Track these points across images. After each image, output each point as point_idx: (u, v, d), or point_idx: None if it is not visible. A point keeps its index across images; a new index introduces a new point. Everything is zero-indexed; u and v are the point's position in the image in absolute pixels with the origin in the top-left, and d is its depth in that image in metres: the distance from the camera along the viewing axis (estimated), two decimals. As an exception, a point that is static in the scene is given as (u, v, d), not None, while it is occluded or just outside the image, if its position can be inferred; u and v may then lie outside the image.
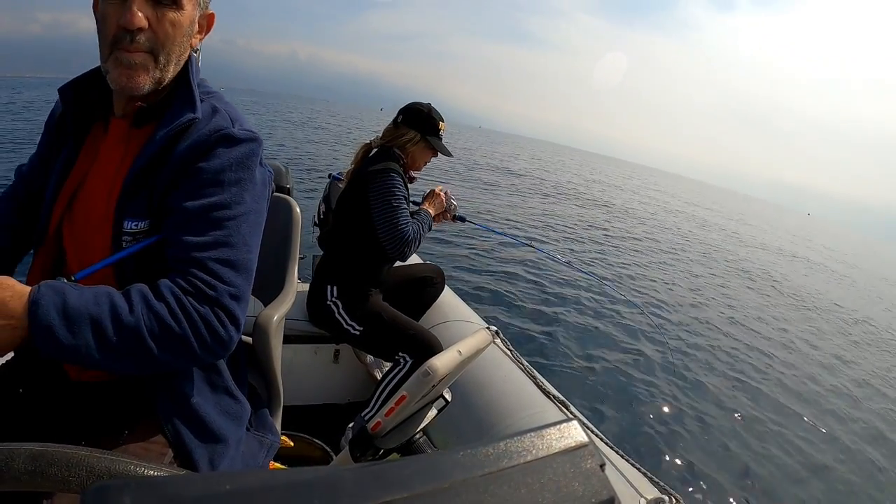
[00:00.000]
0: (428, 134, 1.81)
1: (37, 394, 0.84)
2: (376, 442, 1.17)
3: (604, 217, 11.98)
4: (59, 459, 0.39)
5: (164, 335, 0.67)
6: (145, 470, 0.40)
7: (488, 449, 0.25)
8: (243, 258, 0.77)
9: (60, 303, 0.62)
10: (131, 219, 0.77)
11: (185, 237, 0.74)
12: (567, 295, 5.20)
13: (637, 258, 7.85)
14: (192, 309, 0.70)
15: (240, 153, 0.79)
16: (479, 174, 15.56)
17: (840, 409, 3.94)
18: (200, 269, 0.73)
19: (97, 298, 0.65)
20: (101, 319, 0.64)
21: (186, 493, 0.20)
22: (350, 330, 1.72)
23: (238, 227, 0.77)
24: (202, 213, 0.75)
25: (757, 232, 20.18)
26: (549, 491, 0.24)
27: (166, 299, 0.69)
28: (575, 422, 0.28)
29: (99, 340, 0.64)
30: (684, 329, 4.93)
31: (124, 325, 0.65)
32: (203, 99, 0.82)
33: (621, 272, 6.72)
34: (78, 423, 0.81)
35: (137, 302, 0.67)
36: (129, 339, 0.65)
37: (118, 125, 0.82)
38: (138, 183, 0.77)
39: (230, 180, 0.77)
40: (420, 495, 0.22)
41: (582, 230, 9.48)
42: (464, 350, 1.16)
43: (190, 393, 0.81)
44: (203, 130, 0.78)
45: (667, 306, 5.56)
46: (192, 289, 0.71)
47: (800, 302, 7.76)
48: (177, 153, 0.77)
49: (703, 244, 11.48)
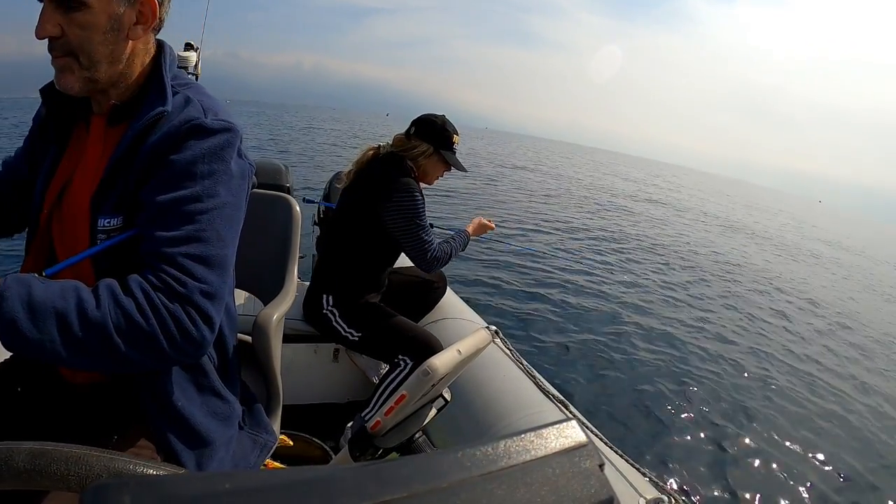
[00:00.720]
0: (442, 148, 1.77)
1: (31, 396, 0.84)
2: (376, 441, 1.17)
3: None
4: (58, 458, 0.39)
5: (132, 332, 0.66)
6: (145, 469, 0.40)
7: (487, 448, 0.25)
8: (217, 254, 0.74)
9: (25, 295, 0.61)
10: (105, 216, 0.77)
11: (156, 232, 0.72)
12: (569, 296, 5.21)
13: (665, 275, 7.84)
14: (162, 306, 0.68)
15: (213, 144, 0.77)
16: (496, 175, 15.53)
17: (846, 407, 3.94)
18: (170, 265, 0.70)
19: (64, 292, 0.64)
20: (66, 313, 0.62)
21: (185, 492, 0.20)
22: (349, 337, 1.71)
23: (211, 221, 0.75)
24: (173, 206, 0.73)
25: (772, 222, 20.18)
26: (548, 491, 0.24)
27: (135, 295, 0.67)
28: (574, 421, 0.28)
29: (64, 335, 0.62)
30: (686, 329, 4.94)
31: (90, 320, 0.63)
32: (177, 91, 0.81)
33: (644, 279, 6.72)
34: (70, 425, 0.81)
35: (105, 297, 0.66)
36: (95, 335, 0.64)
37: (97, 123, 0.83)
38: (111, 179, 0.77)
39: (202, 172, 0.75)
40: (419, 495, 0.22)
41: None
42: (463, 349, 1.16)
43: (174, 394, 0.79)
44: (174, 122, 0.76)
45: (670, 306, 5.56)
46: (161, 285, 0.69)
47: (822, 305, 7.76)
48: (147, 146, 0.76)
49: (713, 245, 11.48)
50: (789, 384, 4.18)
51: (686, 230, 12.39)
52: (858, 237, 27.72)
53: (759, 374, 4.24)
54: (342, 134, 25.07)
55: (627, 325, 4.63)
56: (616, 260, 7.43)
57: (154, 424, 0.78)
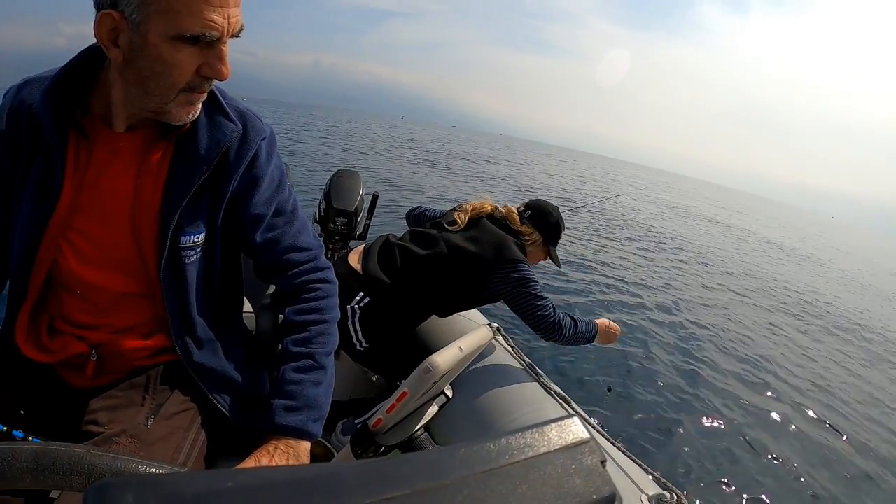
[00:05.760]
0: (550, 243, 1.76)
1: (32, 399, 0.83)
2: (377, 439, 1.17)
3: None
4: (61, 458, 0.39)
5: (329, 331, 0.89)
6: (147, 468, 0.40)
7: (489, 445, 0.25)
8: (307, 229, 0.93)
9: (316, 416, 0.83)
10: (187, 233, 0.80)
11: (278, 236, 0.88)
12: (569, 289, 5.21)
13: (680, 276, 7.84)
14: (314, 304, 0.89)
15: (272, 141, 0.88)
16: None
17: (850, 408, 3.94)
18: (296, 266, 0.90)
19: (315, 388, 0.84)
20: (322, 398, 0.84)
21: (188, 491, 0.20)
22: (357, 346, 1.59)
23: (297, 209, 0.92)
24: (279, 211, 0.89)
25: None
26: (551, 487, 0.24)
27: (300, 324, 0.87)
28: (576, 418, 0.28)
29: (327, 389, 0.86)
30: (687, 328, 4.93)
31: (328, 373, 0.86)
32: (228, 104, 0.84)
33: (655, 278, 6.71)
34: (73, 427, 0.81)
35: (304, 353, 0.84)
36: (330, 357, 0.88)
37: (124, 138, 0.77)
38: (198, 198, 0.80)
39: (282, 171, 0.90)
40: (421, 492, 0.22)
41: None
42: (465, 346, 1.17)
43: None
44: (249, 136, 0.83)
45: (674, 307, 5.56)
46: (309, 278, 0.91)
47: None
48: (233, 164, 0.81)
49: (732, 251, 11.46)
50: (792, 382, 4.17)
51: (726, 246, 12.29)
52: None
53: (761, 375, 4.24)
54: (354, 135, 24.88)
55: (630, 323, 4.63)
56: (616, 259, 7.43)
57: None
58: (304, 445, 0.80)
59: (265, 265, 0.91)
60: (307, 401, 0.81)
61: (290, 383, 0.82)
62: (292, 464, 0.77)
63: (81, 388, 0.84)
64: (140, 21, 0.65)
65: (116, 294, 0.82)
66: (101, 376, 0.84)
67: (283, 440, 0.78)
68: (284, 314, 0.90)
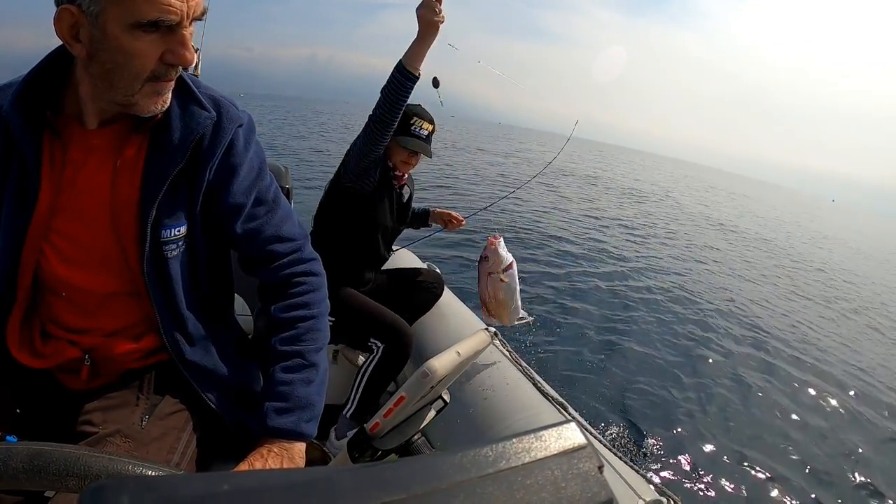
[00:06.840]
0: (396, 133, 1.71)
1: (29, 401, 0.83)
2: (374, 443, 1.16)
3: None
4: (57, 458, 0.39)
5: (318, 327, 0.88)
6: (143, 469, 0.40)
7: (486, 450, 0.25)
8: (291, 218, 0.91)
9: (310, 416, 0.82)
10: (167, 226, 0.78)
11: (259, 225, 0.86)
12: (567, 296, 5.20)
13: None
14: (300, 298, 0.87)
15: (251, 127, 0.86)
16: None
17: (849, 412, 3.93)
18: (280, 258, 0.88)
19: (306, 387, 0.82)
20: (316, 395, 0.84)
21: (184, 493, 0.20)
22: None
23: (279, 198, 0.90)
24: (259, 198, 0.86)
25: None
26: (548, 492, 0.24)
27: (287, 321, 0.85)
28: (573, 423, 0.28)
29: (320, 386, 0.85)
30: (687, 329, 4.93)
31: (320, 370, 0.85)
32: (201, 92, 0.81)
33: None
34: (69, 429, 0.80)
35: (293, 352, 0.83)
36: (321, 353, 0.87)
37: (98, 135, 0.77)
38: (173, 191, 0.78)
39: (261, 159, 0.88)
40: (418, 496, 0.22)
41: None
42: (462, 351, 1.16)
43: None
44: (223, 125, 0.80)
45: (673, 308, 5.56)
46: (294, 268, 0.89)
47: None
48: (206, 152, 0.79)
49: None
50: (793, 391, 4.17)
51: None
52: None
53: (762, 374, 4.24)
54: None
55: (628, 326, 4.63)
56: (616, 257, 7.43)
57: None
58: (299, 447, 0.79)
59: (248, 257, 0.89)
60: (299, 401, 0.80)
61: (280, 384, 0.80)
62: (287, 466, 0.76)
63: (76, 390, 0.84)
64: (98, 13, 0.64)
65: (103, 295, 0.81)
66: (96, 379, 0.84)
67: (277, 442, 0.77)
68: (270, 311, 0.87)
